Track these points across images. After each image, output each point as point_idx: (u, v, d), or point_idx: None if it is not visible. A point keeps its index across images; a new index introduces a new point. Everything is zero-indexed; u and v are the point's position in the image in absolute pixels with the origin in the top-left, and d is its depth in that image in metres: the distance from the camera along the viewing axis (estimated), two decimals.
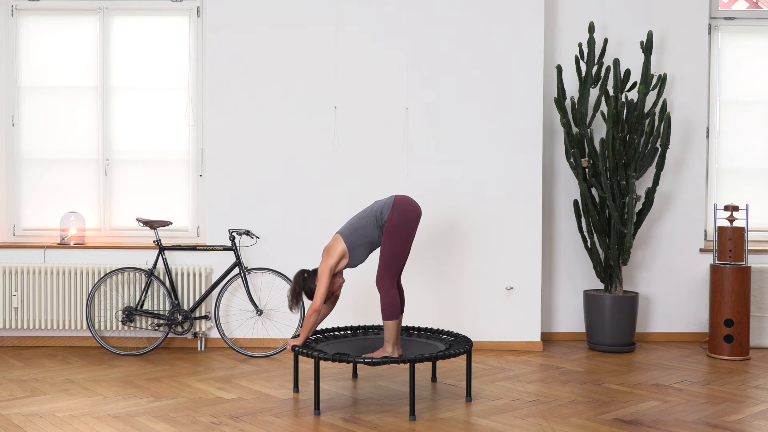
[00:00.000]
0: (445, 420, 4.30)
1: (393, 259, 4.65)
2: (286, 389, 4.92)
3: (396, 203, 4.68)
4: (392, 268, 4.66)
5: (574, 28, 6.30)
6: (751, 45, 6.56)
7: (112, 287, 6.01)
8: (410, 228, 4.69)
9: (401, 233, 4.65)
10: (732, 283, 5.80)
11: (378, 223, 4.67)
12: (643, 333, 6.41)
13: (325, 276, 4.62)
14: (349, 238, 4.68)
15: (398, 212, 4.65)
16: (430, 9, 6.04)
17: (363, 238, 4.68)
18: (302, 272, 4.78)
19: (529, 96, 6.03)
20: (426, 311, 6.05)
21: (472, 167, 6.06)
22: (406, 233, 4.68)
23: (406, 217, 4.67)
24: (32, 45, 6.34)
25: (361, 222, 4.71)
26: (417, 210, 4.74)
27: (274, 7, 6.07)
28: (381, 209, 4.70)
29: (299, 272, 4.78)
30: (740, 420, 4.33)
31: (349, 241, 4.67)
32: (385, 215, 4.65)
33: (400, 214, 4.65)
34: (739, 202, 6.30)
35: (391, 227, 4.63)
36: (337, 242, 4.69)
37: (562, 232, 6.43)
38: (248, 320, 6.05)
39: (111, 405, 4.57)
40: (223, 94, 6.09)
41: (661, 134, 5.98)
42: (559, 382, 5.12)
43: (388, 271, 4.65)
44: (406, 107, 6.00)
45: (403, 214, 4.66)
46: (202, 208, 6.25)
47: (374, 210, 4.73)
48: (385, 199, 4.78)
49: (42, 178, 6.35)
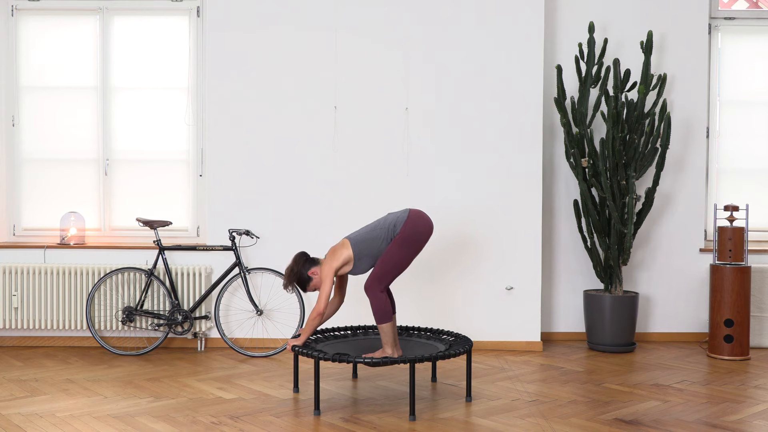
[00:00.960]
0: (445, 420, 4.30)
1: (393, 270, 4.61)
2: (286, 389, 4.92)
3: (410, 217, 4.63)
4: (388, 278, 4.63)
5: (574, 28, 6.30)
6: (751, 45, 6.56)
7: (112, 287, 6.01)
8: (418, 244, 4.65)
9: (408, 247, 4.61)
10: (732, 283, 5.80)
11: (389, 237, 4.62)
12: (643, 333, 6.41)
13: (329, 279, 4.58)
14: (358, 247, 4.63)
15: (411, 226, 4.61)
16: (429, 8, 6.04)
17: (371, 251, 4.63)
18: (303, 254, 4.69)
19: (529, 96, 6.03)
20: (426, 311, 6.05)
21: (472, 167, 6.06)
22: (413, 248, 4.64)
23: (418, 232, 4.63)
24: (32, 45, 6.34)
25: (373, 234, 4.65)
26: (430, 226, 4.69)
27: (274, 6, 6.07)
28: (394, 223, 4.64)
29: (300, 253, 4.70)
30: (740, 420, 4.33)
31: (356, 250, 4.63)
32: (398, 229, 4.61)
33: (413, 228, 4.61)
34: (739, 202, 6.30)
35: (401, 239, 4.59)
36: (345, 248, 4.64)
37: (562, 232, 6.43)
38: (248, 320, 6.05)
39: (111, 405, 4.57)
40: (223, 94, 6.09)
41: (661, 134, 5.98)
42: (559, 382, 5.12)
43: (383, 281, 4.61)
44: (406, 107, 6.00)
45: (415, 228, 4.62)
46: (202, 208, 6.25)
47: (387, 223, 4.67)
48: (399, 212, 4.73)
49: (42, 178, 6.35)
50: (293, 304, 5.99)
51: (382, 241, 4.62)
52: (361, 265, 4.67)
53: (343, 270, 4.66)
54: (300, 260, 4.67)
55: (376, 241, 4.63)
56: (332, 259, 4.62)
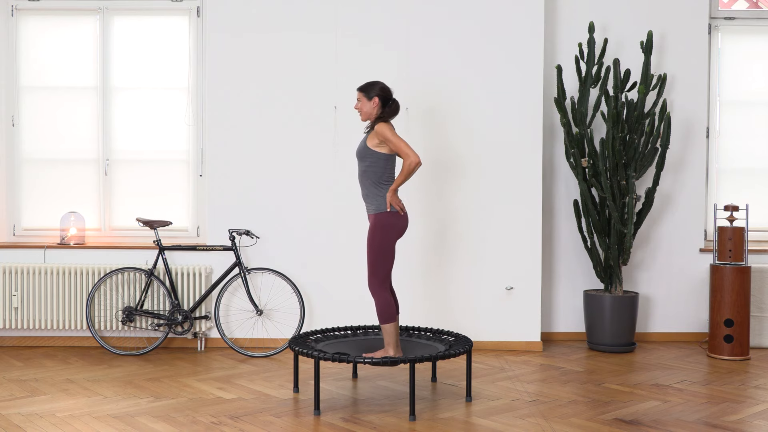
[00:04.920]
0: (445, 420, 4.30)
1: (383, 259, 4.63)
2: (286, 389, 4.92)
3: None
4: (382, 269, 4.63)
5: (574, 28, 6.30)
6: (751, 45, 6.56)
7: (112, 287, 6.01)
8: (401, 229, 4.71)
9: (390, 232, 4.64)
10: (732, 283, 5.80)
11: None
12: (643, 333, 6.41)
13: (398, 137, 4.60)
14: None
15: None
16: (429, 9, 6.04)
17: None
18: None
19: (529, 96, 6.03)
20: (426, 311, 6.05)
21: (472, 167, 6.06)
22: (396, 233, 4.68)
23: (398, 217, 4.68)
24: (32, 45, 6.34)
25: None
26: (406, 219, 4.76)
27: (274, 7, 6.07)
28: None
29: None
30: (740, 420, 4.33)
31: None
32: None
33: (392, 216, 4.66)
34: (739, 202, 6.30)
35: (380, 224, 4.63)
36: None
37: (562, 232, 6.42)
38: (248, 320, 6.05)
39: (111, 405, 4.57)
40: (223, 94, 6.09)
41: (661, 134, 5.98)
42: (559, 382, 5.12)
43: (378, 273, 4.62)
44: (406, 107, 6.00)
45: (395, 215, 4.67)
46: (202, 208, 6.25)
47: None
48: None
49: (42, 178, 6.35)
50: (293, 304, 5.99)
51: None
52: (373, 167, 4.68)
53: (384, 141, 4.63)
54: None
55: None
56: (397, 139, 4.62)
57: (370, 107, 4.71)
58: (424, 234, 6.03)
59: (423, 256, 6.06)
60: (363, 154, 4.67)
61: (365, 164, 4.68)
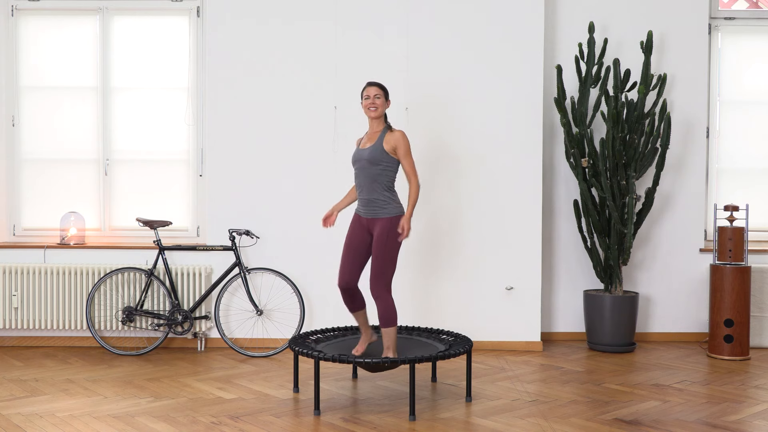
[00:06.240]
0: (445, 420, 4.30)
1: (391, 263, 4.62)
2: (286, 389, 4.92)
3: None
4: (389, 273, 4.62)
5: (574, 28, 6.30)
6: (751, 45, 6.56)
7: (112, 287, 6.01)
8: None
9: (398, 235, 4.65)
10: (732, 283, 5.80)
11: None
12: (643, 333, 6.41)
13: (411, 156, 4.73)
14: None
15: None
16: (430, 9, 6.04)
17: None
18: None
19: (529, 96, 6.03)
20: (426, 311, 6.05)
21: (471, 167, 6.06)
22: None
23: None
24: (32, 45, 6.34)
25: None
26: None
27: (274, 7, 6.07)
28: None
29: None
30: (740, 420, 4.33)
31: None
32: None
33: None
34: (739, 202, 6.30)
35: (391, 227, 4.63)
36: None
37: (562, 232, 6.43)
38: (248, 320, 6.05)
39: (111, 405, 4.57)
40: (223, 94, 6.09)
41: (661, 134, 5.98)
42: (559, 382, 5.12)
43: (385, 277, 4.61)
44: (406, 107, 6.00)
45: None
46: (202, 208, 6.25)
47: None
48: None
49: (42, 178, 6.35)
50: (293, 304, 5.99)
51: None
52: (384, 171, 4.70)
53: (399, 151, 4.67)
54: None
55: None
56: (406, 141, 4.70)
57: (384, 108, 4.76)
58: (424, 234, 6.03)
59: (423, 256, 6.06)
60: (378, 159, 4.65)
61: (378, 168, 4.66)
